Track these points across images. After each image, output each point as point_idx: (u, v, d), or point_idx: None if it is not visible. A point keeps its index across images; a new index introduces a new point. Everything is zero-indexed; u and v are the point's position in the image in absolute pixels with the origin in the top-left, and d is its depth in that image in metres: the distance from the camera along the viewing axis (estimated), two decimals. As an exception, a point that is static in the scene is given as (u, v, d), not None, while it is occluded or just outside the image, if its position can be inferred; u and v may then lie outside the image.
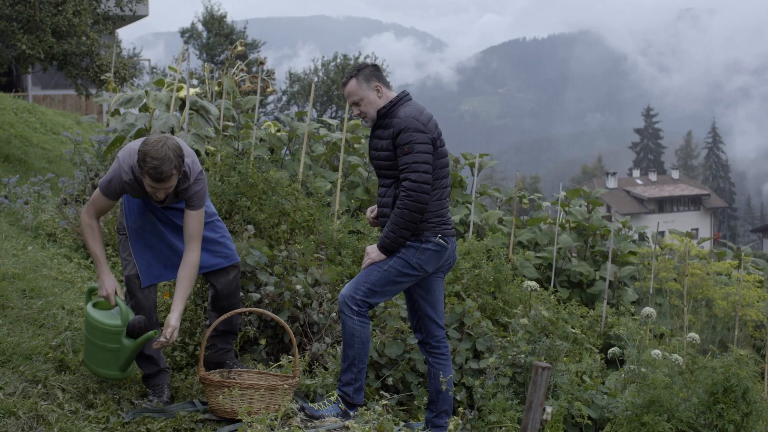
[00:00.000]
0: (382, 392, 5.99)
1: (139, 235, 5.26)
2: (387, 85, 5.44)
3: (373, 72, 5.40)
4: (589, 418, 6.02)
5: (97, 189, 5.11)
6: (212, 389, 4.96)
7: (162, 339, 4.92)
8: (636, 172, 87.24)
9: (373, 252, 5.33)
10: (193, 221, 5.13)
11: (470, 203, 11.95)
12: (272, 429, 4.63)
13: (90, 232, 5.13)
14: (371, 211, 5.70)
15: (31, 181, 10.47)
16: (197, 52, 46.94)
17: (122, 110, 11.01)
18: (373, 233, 8.52)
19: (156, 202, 5.18)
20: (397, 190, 5.24)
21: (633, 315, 8.83)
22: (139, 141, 4.98)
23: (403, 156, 5.16)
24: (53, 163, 14.96)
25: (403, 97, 5.41)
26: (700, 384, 5.77)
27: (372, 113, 5.38)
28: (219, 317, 5.33)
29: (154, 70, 34.27)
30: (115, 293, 5.09)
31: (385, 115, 5.34)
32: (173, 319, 4.97)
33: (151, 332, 4.95)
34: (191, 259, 5.12)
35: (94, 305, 5.05)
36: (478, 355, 6.56)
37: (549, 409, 4.44)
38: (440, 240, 5.31)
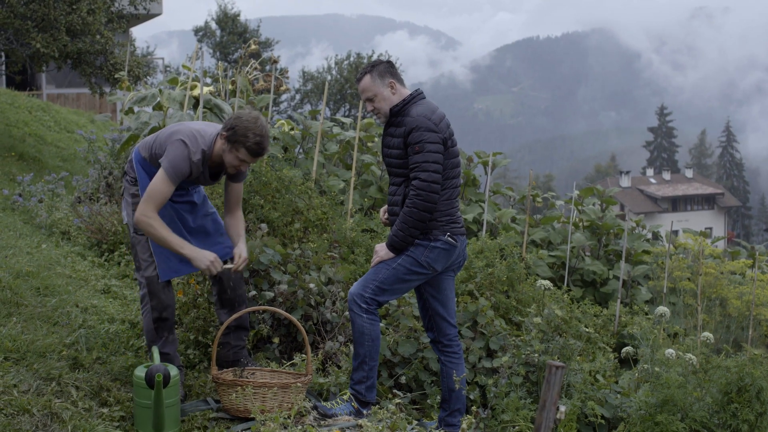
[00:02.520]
0: (395, 391, 5.99)
1: None
2: (401, 82, 5.44)
3: (387, 68, 5.40)
4: (603, 417, 6.01)
5: (158, 183, 5.04)
6: (225, 388, 4.96)
7: (231, 266, 5.30)
8: (650, 171, 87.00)
9: (381, 250, 5.34)
10: (240, 190, 5.59)
11: (483, 202, 11.93)
12: (285, 427, 4.63)
13: (158, 224, 5.04)
14: (384, 212, 5.70)
15: (45, 180, 10.51)
16: (211, 51, 47.01)
17: (136, 109, 11.03)
18: (386, 232, 8.51)
19: (204, 181, 5.35)
20: (407, 188, 5.23)
21: (646, 314, 8.82)
22: (194, 123, 5.22)
23: (413, 155, 5.15)
24: (67, 161, 15.01)
25: (416, 96, 5.39)
26: (713, 383, 5.75)
27: (385, 110, 5.38)
28: (229, 314, 5.36)
29: (168, 69, 34.38)
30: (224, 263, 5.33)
31: (398, 113, 5.33)
32: (243, 250, 5.41)
33: (173, 378, 4.72)
34: (241, 215, 5.65)
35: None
36: (491, 354, 6.55)
37: (562, 408, 4.43)
38: (449, 238, 5.30)
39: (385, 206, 5.65)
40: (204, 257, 5.10)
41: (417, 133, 5.15)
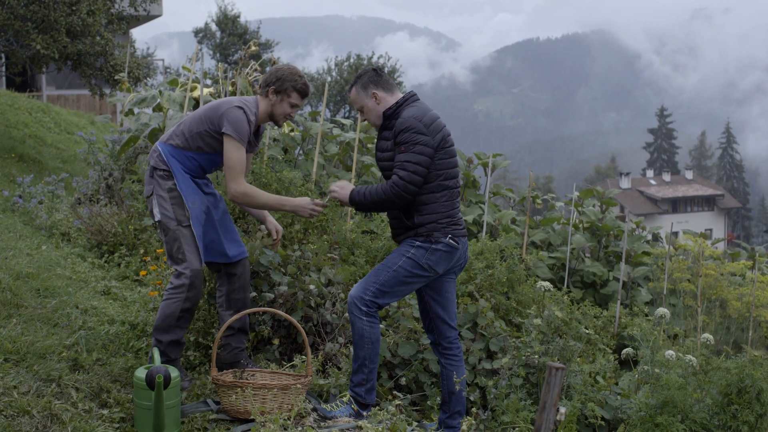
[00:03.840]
0: (395, 392, 5.98)
1: (197, 216, 5.36)
2: (388, 89, 5.43)
3: (371, 78, 5.42)
4: (603, 418, 6.01)
5: (232, 152, 5.28)
6: (225, 389, 4.96)
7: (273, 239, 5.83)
8: (650, 173, 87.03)
9: (341, 189, 5.37)
10: (250, 160, 5.84)
11: (483, 203, 11.93)
12: (285, 429, 4.63)
13: (256, 191, 5.39)
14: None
15: (46, 181, 10.52)
16: (211, 52, 47.03)
17: (136, 110, 11.04)
18: (387, 233, 8.51)
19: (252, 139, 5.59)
20: None
21: (646, 315, 8.82)
22: (233, 98, 5.45)
23: (399, 154, 5.18)
24: (67, 162, 15.02)
25: (409, 98, 5.41)
26: (714, 385, 5.75)
27: (372, 119, 5.45)
28: (232, 316, 5.36)
29: (168, 70, 34.37)
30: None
31: (391, 117, 5.36)
32: (276, 223, 5.86)
33: (174, 379, 4.69)
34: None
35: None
36: (491, 356, 6.55)
37: (562, 410, 4.43)
38: (450, 241, 5.30)
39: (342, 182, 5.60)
40: (305, 206, 5.40)
41: (406, 134, 5.17)
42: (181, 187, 5.33)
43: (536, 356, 6.19)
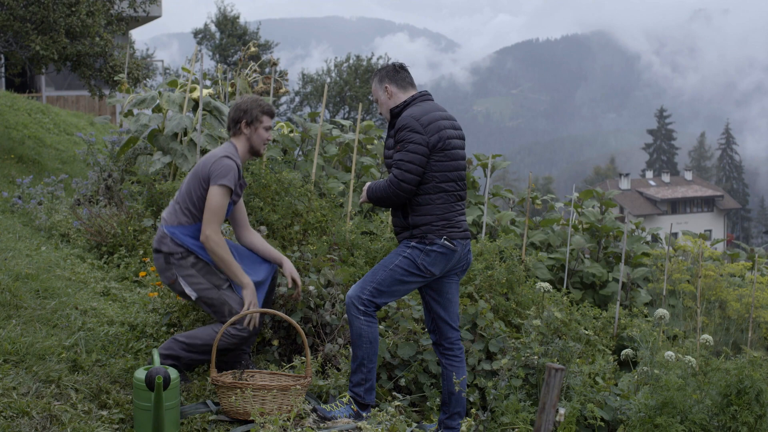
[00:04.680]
0: (394, 393, 5.99)
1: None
2: (401, 85, 5.47)
3: (388, 73, 5.49)
4: (602, 419, 6.01)
5: (215, 197, 5.26)
6: (224, 390, 4.96)
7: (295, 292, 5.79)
8: (649, 174, 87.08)
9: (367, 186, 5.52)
10: (244, 207, 5.88)
11: (483, 204, 11.93)
12: (285, 430, 4.63)
13: (225, 247, 5.32)
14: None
15: (45, 182, 10.52)
16: (210, 53, 47.07)
17: (135, 111, 11.03)
18: (386, 234, 8.52)
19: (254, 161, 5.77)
20: None
21: (646, 316, 8.82)
22: (215, 151, 5.47)
23: (396, 152, 5.22)
24: (67, 163, 15.02)
25: (417, 97, 5.44)
26: (713, 386, 5.75)
27: (383, 113, 5.55)
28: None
29: (168, 71, 34.36)
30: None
31: (397, 115, 5.39)
32: (293, 270, 5.74)
33: (173, 380, 4.71)
34: None
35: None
36: (490, 357, 6.55)
37: (562, 411, 4.43)
38: (446, 242, 5.29)
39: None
40: (247, 294, 5.35)
41: (402, 132, 5.22)
42: (204, 256, 5.37)
43: (536, 357, 6.19)
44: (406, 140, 5.19)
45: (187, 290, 5.32)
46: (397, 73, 5.49)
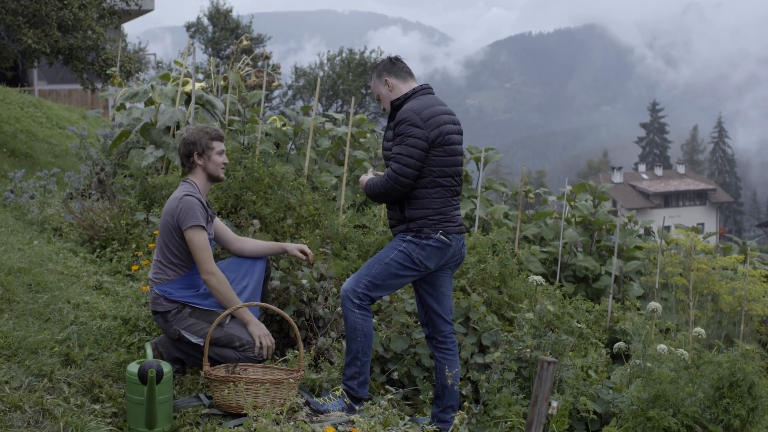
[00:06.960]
0: (387, 387, 5.99)
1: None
2: (401, 77, 5.47)
3: (386, 67, 5.49)
4: (595, 412, 6.02)
5: (195, 238, 5.25)
6: (217, 384, 4.96)
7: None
8: (642, 167, 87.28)
9: (364, 178, 5.51)
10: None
11: (476, 198, 11.93)
12: (277, 423, 4.63)
13: (226, 283, 5.32)
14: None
15: (37, 176, 10.50)
16: (203, 47, 47.01)
17: (128, 105, 11.01)
18: (379, 227, 8.51)
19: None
20: None
21: (639, 310, 8.83)
22: (174, 195, 5.43)
23: (395, 146, 5.21)
24: (59, 157, 14.99)
25: (418, 90, 5.43)
26: (705, 379, 5.76)
27: (387, 108, 5.50)
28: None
29: (160, 65, 34.33)
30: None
31: (397, 108, 5.38)
32: (295, 245, 5.82)
33: (166, 374, 4.71)
34: None
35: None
36: (483, 350, 6.55)
37: (554, 404, 4.43)
38: (441, 236, 5.30)
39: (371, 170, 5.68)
40: (260, 328, 5.35)
41: (402, 125, 5.21)
42: (199, 303, 5.40)
43: (528, 350, 6.19)
44: (405, 134, 5.18)
45: (194, 339, 5.35)
46: (394, 65, 5.48)
